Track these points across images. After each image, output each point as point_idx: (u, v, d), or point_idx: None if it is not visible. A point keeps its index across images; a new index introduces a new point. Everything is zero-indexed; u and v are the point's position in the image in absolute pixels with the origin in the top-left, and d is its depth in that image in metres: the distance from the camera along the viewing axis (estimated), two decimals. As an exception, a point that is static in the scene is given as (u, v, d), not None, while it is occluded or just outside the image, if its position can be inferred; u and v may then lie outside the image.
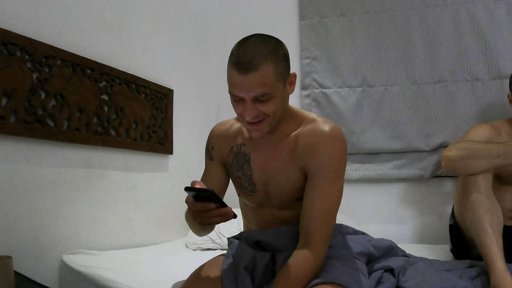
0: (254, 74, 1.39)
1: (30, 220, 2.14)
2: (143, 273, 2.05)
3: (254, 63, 1.39)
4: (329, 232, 1.50)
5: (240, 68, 1.40)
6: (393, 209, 3.22)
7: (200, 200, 1.25)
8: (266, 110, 1.47)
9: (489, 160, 1.90)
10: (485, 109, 2.98)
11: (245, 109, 1.47)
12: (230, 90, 1.48)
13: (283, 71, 1.48)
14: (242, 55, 1.41)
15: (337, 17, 3.40)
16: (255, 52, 1.41)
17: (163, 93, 3.10)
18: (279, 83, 1.46)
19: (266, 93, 1.43)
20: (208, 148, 1.83)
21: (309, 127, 1.61)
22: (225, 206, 1.24)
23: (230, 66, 1.45)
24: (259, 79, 1.40)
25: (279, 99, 1.49)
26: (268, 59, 1.41)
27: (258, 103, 1.46)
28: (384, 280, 1.66)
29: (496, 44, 2.97)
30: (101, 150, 2.57)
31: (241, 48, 1.44)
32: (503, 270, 1.67)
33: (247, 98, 1.44)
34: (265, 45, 1.44)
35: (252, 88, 1.41)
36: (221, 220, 1.25)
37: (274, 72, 1.43)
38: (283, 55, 1.49)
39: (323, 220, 1.48)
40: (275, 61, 1.44)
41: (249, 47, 1.43)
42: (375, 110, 3.25)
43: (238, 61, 1.41)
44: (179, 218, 3.20)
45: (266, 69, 1.41)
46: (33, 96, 2.13)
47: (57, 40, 2.32)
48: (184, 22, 3.47)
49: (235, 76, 1.43)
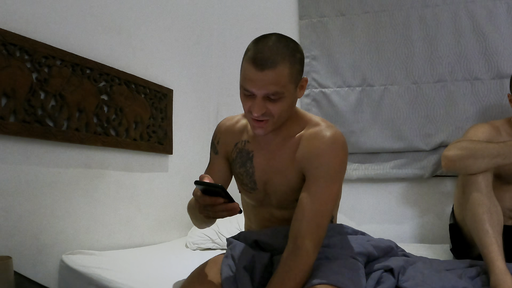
0: (270, 72, 1.41)
1: (30, 220, 2.14)
2: (143, 273, 2.05)
3: (271, 61, 1.41)
4: (321, 234, 1.50)
5: (257, 64, 1.41)
6: (393, 208, 3.22)
7: (208, 194, 1.27)
8: (273, 110, 1.48)
9: (489, 159, 1.90)
10: (485, 108, 2.98)
11: (254, 105, 1.47)
12: (243, 84, 1.48)
13: (297, 74, 1.49)
14: (260, 51, 1.43)
15: (337, 16, 3.39)
16: (274, 50, 1.42)
17: (162, 93, 3.10)
18: (291, 85, 1.48)
19: (278, 92, 1.44)
20: (214, 142, 1.85)
21: (312, 130, 1.62)
22: (233, 202, 1.26)
23: (247, 61, 1.45)
24: (274, 78, 1.41)
25: (289, 101, 1.50)
26: (285, 59, 1.43)
27: (268, 101, 1.47)
28: (384, 280, 1.66)
29: (496, 43, 2.97)
30: (100, 150, 2.56)
31: (260, 45, 1.45)
32: (503, 269, 1.66)
33: (258, 94, 1.45)
34: (284, 45, 1.45)
35: (266, 85, 1.42)
36: (227, 215, 1.28)
37: (289, 73, 1.44)
38: (299, 58, 1.50)
39: (315, 221, 1.48)
40: (292, 63, 1.45)
41: (268, 45, 1.44)
42: (374, 109, 3.25)
43: (256, 57, 1.42)
44: (179, 218, 3.20)
45: (282, 69, 1.42)
46: (33, 96, 2.13)
47: (57, 40, 2.32)
48: (184, 22, 3.46)
49: (250, 71, 1.43)
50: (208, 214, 1.31)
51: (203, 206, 1.30)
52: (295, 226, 1.49)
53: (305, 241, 1.44)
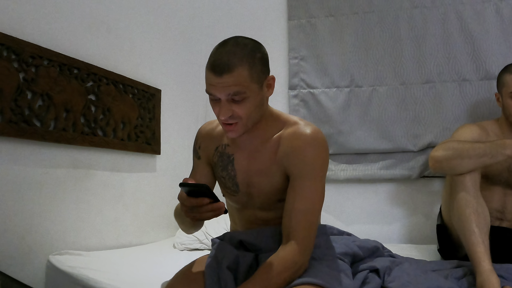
0: (228, 76, 1.43)
1: (17, 220, 2.13)
2: (130, 274, 2.05)
3: (228, 66, 1.43)
4: (311, 232, 1.52)
5: (215, 70, 1.44)
6: (380, 209, 3.23)
7: (193, 196, 1.28)
8: (240, 112, 1.50)
9: (476, 159, 1.91)
10: (473, 109, 2.99)
11: (220, 109, 1.50)
12: (207, 89, 1.51)
13: (259, 74, 1.51)
14: (218, 58, 1.46)
15: (326, 17, 3.40)
16: (230, 54, 1.45)
17: (150, 93, 3.09)
18: (254, 85, 1.49)
19: (239, 91, 1.46)
20: (196, 147, 1.87)
21: (290, 129, 1.63)
22: (218, 201, 1.28)
23: (207, 68, 1.49)
24: (233, 81, 1.44)
25: (254, 101, 1.52)
26: (243, 62, 1.45)
27: (233, 103, 1.49)
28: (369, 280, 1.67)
29: (484, 45, 2.99)
30: (88, 150, 2.55)
31: (218, 51, 1.49)
32: (489, 270, 1.67)
33: (222, 97, 1.47)
34: (241, 49, 1.48)
35: (226, 87, 1.45)
36: (213, 215, 1.30)
37: (249, 74, 1.46)
38: (260, 58, 1.52)
39: (305, 219, 1.50)
40: (251, 64, 1.47)
41: (226, 50, 1.47)
42: (363, 110, 3.26)
43: (214, 64, 1.45)
44: (167, 218, 3.19)
45: (240, 71, 1.44)
46: (20, 96, 2.12)
47: (44, 40, 2.31)
48: (172, 22, 3.46)
49: (210, 77, 1.47)
50: (194, 216, 1.33)
51: (189, 209, 1.32)
52: (286, 226, 1.52)
53: (295, 239, 1.46)
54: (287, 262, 1.42)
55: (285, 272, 1.41)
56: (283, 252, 1.45)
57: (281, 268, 1.41)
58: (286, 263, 1.42)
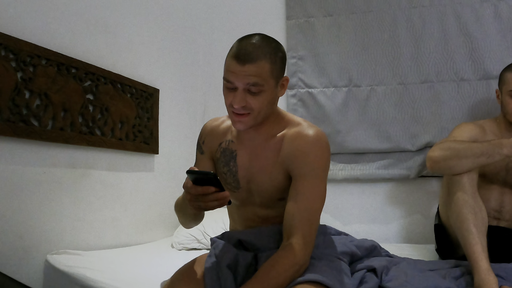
0: (251, 66, 1.47)
1: (14, 220, 2.13)
2: (128, 273, 2.05)
3: (253, 56, 1.47)
4: (312, 232, 1.52)
5: (239, 58, 1.48)
6: (378, 209, 3.23)
7: (199, 184, 1.29)
8: (254, 104, 1.52)
9: (473, 159, 1.91)
10: (471, 109, 2.99)
11: (235, 98, 1.51)
12: (225, 76, 1.53)
13: (278, 71, 1.55)
14: (243, 47, 1.50)
15: (324, 17, 3.40)
16: (256, 47, 1.49)
17: (148, 93, 3.09)
18: (272, 80, 1.53)
19: (258, 83, 1.48)
20: (199, 142, 1.88)
21: (294, 130, 1.65)
22: (224, 190, 1.30)
23: (230, 56, 1.52)
24: (255, 71, 1.47)
25: (269, 96, 1.55)
26: (267, 56, 1.50)
27: (249, 94, 1.51)
28: (367, 280, 1.67)
29: (482, 44, 2.99)
30: (86, 149, 2.55)
31: (243, 42, 1.52)
32: (486, 270, 1.67)
33: (240, 86, 1.50)
34: (266, 44, 1.52)
35: (247, 77, 1.47)
36: (218, 205, 1.33)
37: (270, 69, 1.50)
38: (281, 57, 1.57)
39: (306, 218, 1.50)
40: (273, 60, 1.51)
41: (251, 42, 1.51)
42: (361, 110, 3.26)
43: (238, 53, 1.49)
44: (165, 218, 3.19)
45: (263, 64, 1.48)
46: (18, 96, 2.12)
47: (42, 39, 2.30)
48: (171, 22, 3.46)
49: (232, 65, 1.50)
50: (199, 205, 1.35)
51: (194, 197, 1.33)
52: (287, 225, 1.52)
53: (296, 238, 1.46)
54: (288, 261, 1.42)
55: (286, 271, 1.41)
56: (284, 251, 1.45)
57: (283, 267, 1.41)
58: (287, 262, 1.42)
